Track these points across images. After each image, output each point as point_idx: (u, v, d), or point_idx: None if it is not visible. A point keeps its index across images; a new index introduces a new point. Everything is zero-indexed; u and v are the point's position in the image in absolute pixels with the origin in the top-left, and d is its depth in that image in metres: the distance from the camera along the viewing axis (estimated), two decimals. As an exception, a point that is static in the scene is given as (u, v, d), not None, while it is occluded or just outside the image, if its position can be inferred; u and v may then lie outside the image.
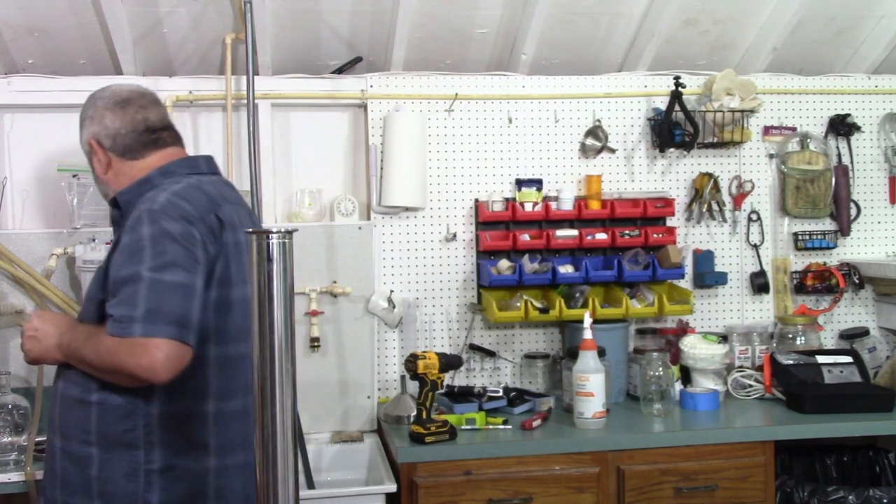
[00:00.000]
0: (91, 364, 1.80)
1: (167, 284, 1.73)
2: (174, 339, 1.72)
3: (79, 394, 1.83)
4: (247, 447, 1.92)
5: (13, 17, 2.83)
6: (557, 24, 3.10)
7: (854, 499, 2.63)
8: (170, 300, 1.73)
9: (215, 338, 1.85)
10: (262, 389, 1.21)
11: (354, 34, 3.09)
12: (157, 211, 1.79)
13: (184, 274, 1.76)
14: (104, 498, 1.80)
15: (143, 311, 1.71)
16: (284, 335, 1.21)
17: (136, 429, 1.81)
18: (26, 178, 3.07)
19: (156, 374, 1.71)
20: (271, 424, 1.20)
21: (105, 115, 1.99)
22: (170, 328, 1.71)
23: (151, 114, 2.01)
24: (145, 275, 1.73)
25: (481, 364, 3.26)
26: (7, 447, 2.60)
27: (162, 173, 1.95)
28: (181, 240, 1.77)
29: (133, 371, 1.71)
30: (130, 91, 2.03)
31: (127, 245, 1.78)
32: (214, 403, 1.87)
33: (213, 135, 3.16)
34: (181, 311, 1.73)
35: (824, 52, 3.42)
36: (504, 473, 2.62)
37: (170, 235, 1.77)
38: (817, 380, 2.97)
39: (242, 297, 1.89)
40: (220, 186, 2.00)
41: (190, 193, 1.87)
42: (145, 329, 1.70)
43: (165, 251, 1.76)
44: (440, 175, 3.24)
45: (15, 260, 2.89)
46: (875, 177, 3.51)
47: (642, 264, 3.15)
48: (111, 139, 1.98)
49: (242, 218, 1.98)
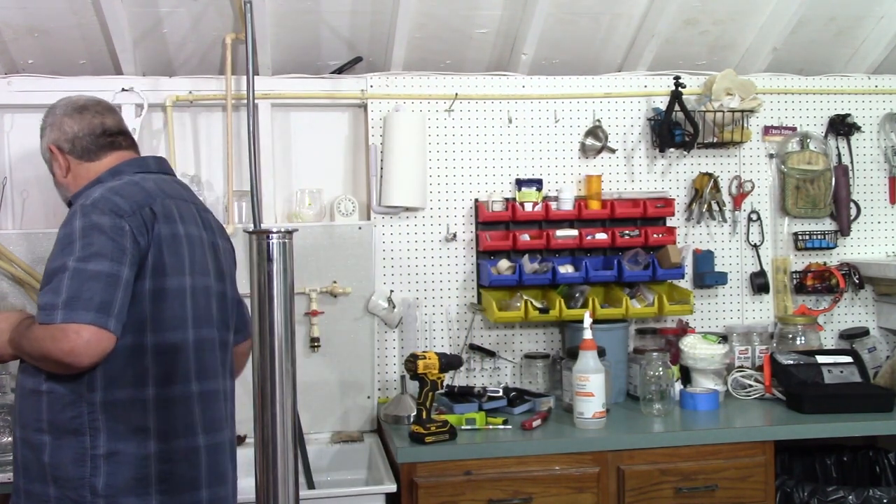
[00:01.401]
0: (28, 354, 1.90)
1: (90, 273, 1.82)
2: (93, 324, 1.79)
3: (32, 384, 1.91)
4: (191, 433, 1.97)
5: (13, 17, 2.83)
6: (557, 24, 3.10)
7: (854, 499, 2.63)
8: (91, 287, 1.81)
9: (152, 326, 1.92)
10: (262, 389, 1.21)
11: (354, 34, 3.09)
12: (89, 206, 1.90)
13: (108, 263, 1.84)
14: (57, 483, 1.87)
15: (64, 299, 1.80)
16: (284, 335, 1.21)
17: (81, 416, 1.88)
18: (26, 178, 3.07)
19: (77, 358, 1.80)
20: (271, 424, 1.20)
21: (64, 121, 2.11)
22: (89, 314, 1.79)
23: (108, 119, 2.14)
24: (70, 265, 1.83)
25: (481, 364, 3.26)
26: (7, 447, 2.60)
27: (112, 174, 2.07)
28: (109, 232, 1.86)
29: (56, 356, 1.80)
30: (87, 99, 2.16)
31: (60, 238, 1.89)
32: (154, 390, 1.93)
33: (213, 135, 3.16)
34: (102, 298, 1.81)
35: (824, 52, 3.42)
36: (504, 473, 2.62)
37: (98, 228, 1.86)
38: (817, 380, 2.97)
39: (179, 286, 1.97)
40: (164, 183, 2.08)
41: (125, 189, 1.96)
42: (65, 315, 1.79)
43: (92, 242, 1.85)
44: (440, 175, 3.24)
45: (15, 260, 2.89)
46: (875, 177, 3.51)
47: (642, 264, 3.15)
48: (70, 143, 2.10)
49: (185, 213, 2.06)
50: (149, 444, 1.92)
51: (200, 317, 2.02)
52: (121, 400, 1.90)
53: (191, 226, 2.05)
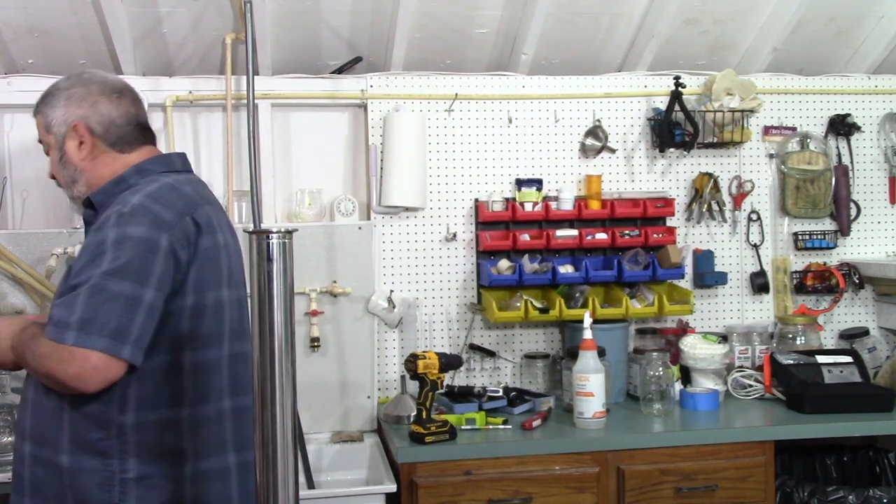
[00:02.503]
0: (31, 367, 1.76)
1: (110, 293, 1.67)
2: (104, 351, 1.65)
3: (53, 400, 1.77)
4: (223, 451, 1.85)
5: (13, 17, 2.83)
6: (557, 24, 3.10)
7: (854, 499, 2.63)
8: (108, 310, 1.66)
9: (189, 344, 1.80)
10: (262, 389, 1.21)
11: (354, 34, 3.09)
12: (128, 214, 1.74)
13: (131, 285, 1.69)
14: None
15: (78, 318, 1.66)
16: (284, 335, 1.21)
17: (109, 438, 1.75)
18: (26, 178, 3.07)
19: (82, 384, 1.67)
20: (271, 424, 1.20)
21: (100, 101, 1.91)
22: (101, 340, 1.65)
23: (141, 110, 1.98)
24: (92, 281, 1.68)
25: (481, 364, 3.26)
26: (7, 447, 2.60)
27: (137, 171, 1.89)
28: (142, 247, 1.71)
29: (60, 378, 1.68)
30: (123, 83, 1.98)
31: (90, 246, 1.73)
32: (189, 409, 1.81)
33: (213, 135, 3.16)
34: (118, 323, 1.66)
35: (824, 52, 3.42)
36: (504, 473, 2.62)
37: (131, 241, 1.71)
38: (817, 380, 2.97)
39: (217, 300, 1.84)
40: (198, 186, 1.94)
41: (165, 196, 1.80)
42: (77, 338, 1.65)
43: (120, 256, 1.70)
44: (440, 175, 3.24)
45: (15, 260, 2.89)
46: (875, 177, 3.51)
47: (642, 264, 3.15)
48: (104, 127, 1.90)
49: (220, 219, 1.92)
50: (183, 467, 1.80)
51: (234, 329, 1.89)
52: (154, 421, 1.77)
53: (227, 234, 1.92)
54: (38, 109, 1.95)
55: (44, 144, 1.96)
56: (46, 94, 1.95)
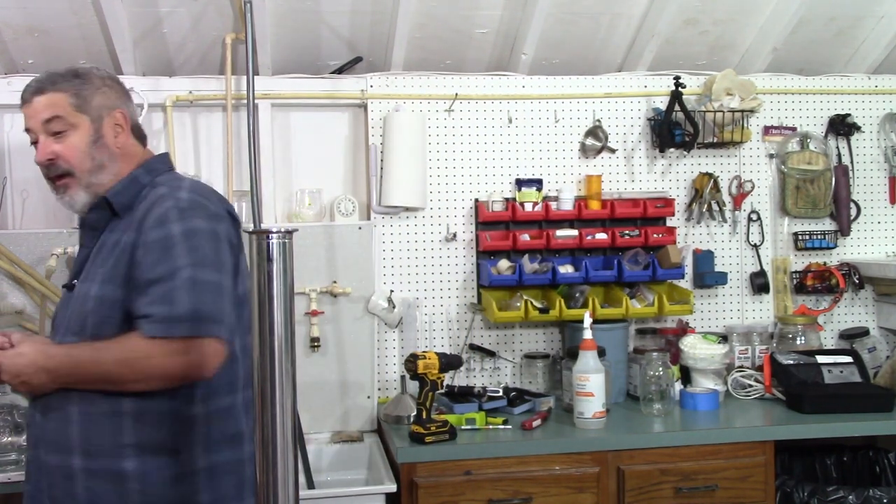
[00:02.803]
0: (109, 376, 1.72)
1: (203, 283, 1.71)
2: (217, 337, 1.71)
3: (106, 407, 1.74)
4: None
5: (13, 17, 2.83)
6: (557, 24, 3.10)
7: (854, 499, 2.63)
8: (207, 299, 1.71)
9: (240, 331, 1.84)
10: (262, 389, 1.21)
11: (354, 34, 3.09)
12: (186, 209, 1.77)
13: (215, 273, 1.74)
14: None
15: (186, 310, 1.68)
16: (284, 335, 1.21)
17: (177, 433, 1.76)
18: (26, 178, 3.07)
19: (202, 372, 1.71)
20: (271, 424, 1.20)
21: (127, 95, 1.98)
22: (213, 326, 1.71)
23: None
24: (182, 273, 1.70)
25: (481, 364, 3.26)
26: (7, 447, 2.60)
27: (147, 171, 1.92)
28: (210, 238, 1.76)
29: (176, 372, 1.69)
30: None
31: (157, 242, 1.73)
32: (242, 393, 1.87)
33: (213, 135, 3.16)
34: (218, 309, 1.72)
35: (824, 52, 3.42)
36: (504, 473, 2.62)
37: (201, 233, 1.75)
38: (817, 380, 2.97)
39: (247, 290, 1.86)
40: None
41: (203, 190, 1.86)
42: (192, 328, 1.68)
43: (197, 248, 1.73)
44: (440, 175, 3.24)
45: (15, 260, 2.89)
46: (875, 177, 3.51)
47: (642, 264, 3.15)
48: (134, 120, 1.96)
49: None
50: (244, 449, 1.85)
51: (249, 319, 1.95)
52: (218, 409, 1.81)
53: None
54: (61, 87, 1.88)
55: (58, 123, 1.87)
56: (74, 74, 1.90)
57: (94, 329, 1.77)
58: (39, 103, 1.88)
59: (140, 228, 1.77)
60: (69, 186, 1.88)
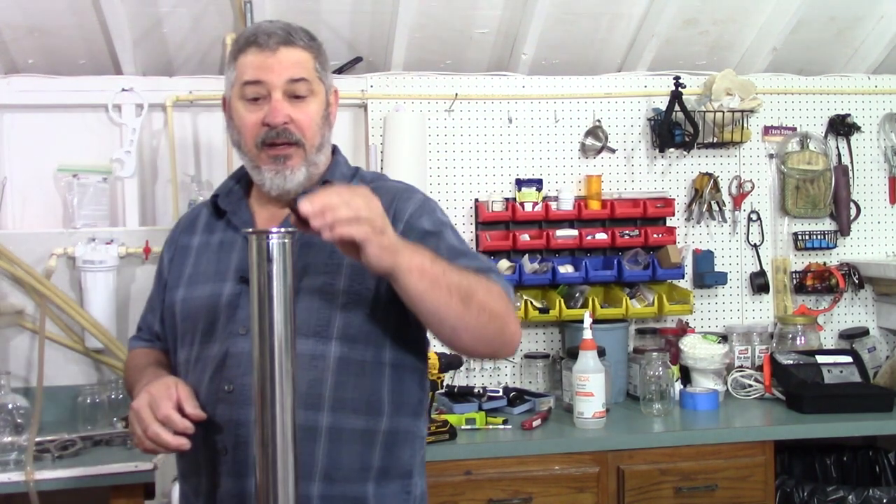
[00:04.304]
0: (481, 305, 1.42)
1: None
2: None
3: (363, 424, 1.53)
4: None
5: (13, 17, 2.83)
6: (557, 24, 3.10)
7: (854, 499, 2.63)
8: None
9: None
10: (262, 389, 1.21)
11: (354, 34, 3.09)
12: (435, 204, 1.71)
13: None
14: None
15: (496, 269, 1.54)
16: (284, 335, 1.21)
17: (414, 455, 1.61)
18: (26, 178, 3.06)
19: (516, 344, 1.51)
20: (271, 424, 1.20)
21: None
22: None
23: None
24: (459, 237, 1.63)
25: (481, 364, 3.26)
26: (7, 447, 2.59)
27: (343, 160, 1.76)
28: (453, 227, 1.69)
29: (509, 339, 1.48)
30: None
31: (436, 224, 1.60)
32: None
33: (213, 135, 3.15)
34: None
35: (824, 52, 3.42)
36: (504, 473, 2.62)
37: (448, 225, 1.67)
38: (817, 380, 2.97)
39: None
40: None
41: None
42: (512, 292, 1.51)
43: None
44: (440, 175, 3.24)
45: (15, 260, 2.89)
46: (875, 177, 3.51)
47: (642, 264, 3.15)
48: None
49: None
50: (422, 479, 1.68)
51: None
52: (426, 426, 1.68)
53: None
54: (308, 45, 1.65)
55: (303, 86, 1.61)
56: (310, 36, 1.68)
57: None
58: (287, 57, 1.59)
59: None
60: (291, 158, 1.59)
